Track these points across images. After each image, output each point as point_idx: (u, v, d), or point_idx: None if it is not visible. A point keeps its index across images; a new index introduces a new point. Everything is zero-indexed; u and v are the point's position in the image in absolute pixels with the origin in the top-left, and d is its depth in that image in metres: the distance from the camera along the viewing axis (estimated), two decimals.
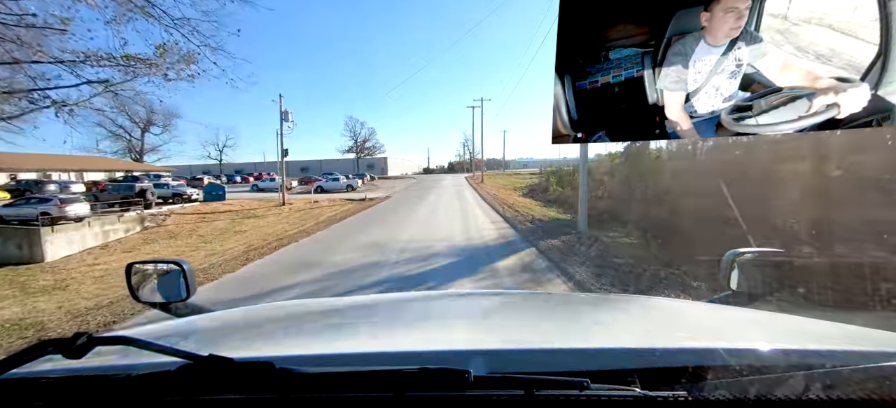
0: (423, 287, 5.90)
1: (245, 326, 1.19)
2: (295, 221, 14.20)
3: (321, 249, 9.00)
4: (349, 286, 6.01)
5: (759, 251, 1.37)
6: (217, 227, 14.43)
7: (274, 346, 0.98)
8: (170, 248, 12.03)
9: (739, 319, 1.12)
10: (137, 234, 14.74)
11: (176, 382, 0.61)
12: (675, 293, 5.10)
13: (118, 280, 7.24)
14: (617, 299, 1.83)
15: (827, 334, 0.90)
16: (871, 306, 2.29)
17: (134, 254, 11.68)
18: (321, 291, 5.85)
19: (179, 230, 14.55)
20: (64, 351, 0.56)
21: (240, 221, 15.18)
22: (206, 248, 10.75)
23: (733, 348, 0.69)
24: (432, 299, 1.72)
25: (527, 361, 0.72)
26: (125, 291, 1.51)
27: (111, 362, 0.71)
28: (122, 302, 5.41)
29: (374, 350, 0.82)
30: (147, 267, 1.48)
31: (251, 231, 12.72)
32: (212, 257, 8.89)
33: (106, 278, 8.28)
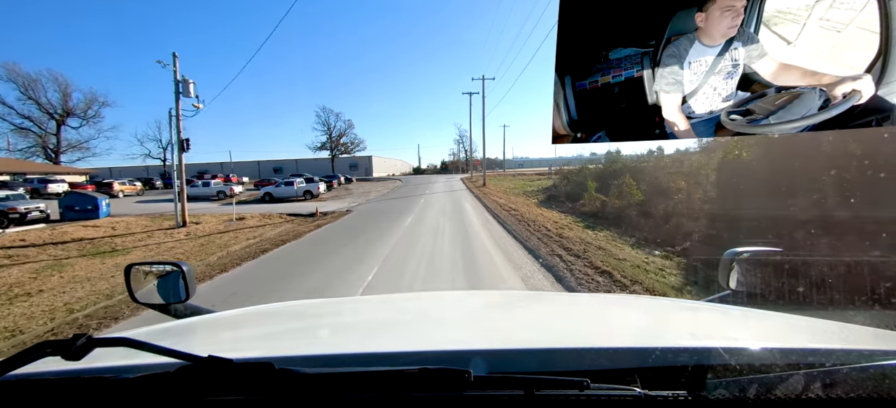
0: (423, 288, 5.86)
1: (245, 327, 1.19)
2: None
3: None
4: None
5: (758, 251, 1.37)
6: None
7: (273, 347, 0.98)
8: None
9: (739, 318, 1.13)
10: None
11: (175, 383, 0.60)
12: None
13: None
14: (617, 300, 1.84)
15: (826, 333, 0.90)
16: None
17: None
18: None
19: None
20: (63, 353, 0.56)
21: (44, 271, 8.22)
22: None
23: (733, 347, 0.69)
24: (432, 299, 1.72)
25: (527, 361, 0.72)
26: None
27: (111, 363, 0.71)
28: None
29: (374, 351, 0.82)
30: (146, 268, 1.48)
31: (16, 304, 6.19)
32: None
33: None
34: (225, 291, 6.18)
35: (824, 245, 6.16)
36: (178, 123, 13.98)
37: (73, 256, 9.95)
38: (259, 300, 2.46)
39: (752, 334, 0.98)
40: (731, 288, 1.32)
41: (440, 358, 0.72)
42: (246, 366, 0.60)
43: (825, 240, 6.32)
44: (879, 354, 0.68)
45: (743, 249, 1.34)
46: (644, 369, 0.65)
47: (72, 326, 5.50)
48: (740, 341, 0.80)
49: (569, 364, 0.69)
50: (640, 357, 0.69)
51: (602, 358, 0.69)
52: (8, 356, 0.56)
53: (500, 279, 6.24)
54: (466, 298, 1.79)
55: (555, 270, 6.64)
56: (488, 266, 6.99)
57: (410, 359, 0.72)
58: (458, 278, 6.32)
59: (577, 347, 0.77)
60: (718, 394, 0.58)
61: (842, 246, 5.83)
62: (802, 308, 1.42)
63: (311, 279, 6.49)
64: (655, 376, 0.63)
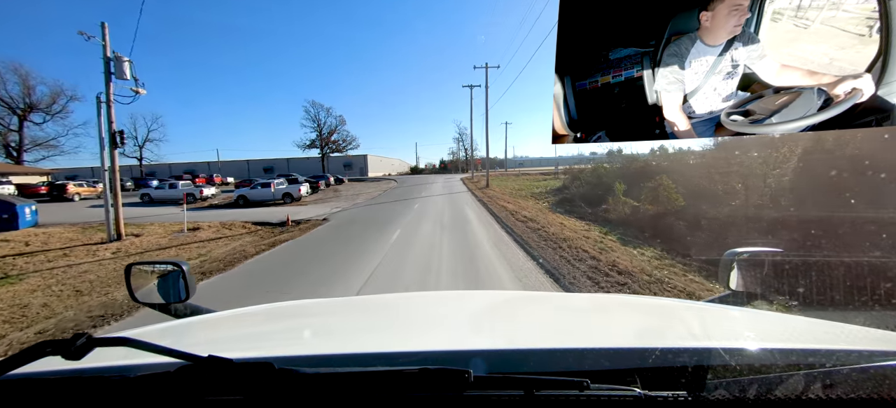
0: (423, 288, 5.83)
1: (245, 326, 1.19)
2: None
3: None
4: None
5: (758, 251, 1.37)
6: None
7: (274, 346, 0.98)
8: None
9: (739, 318, 1.12)
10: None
11: (175, 382, 0.60)
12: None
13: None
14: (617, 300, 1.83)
15: (826, 333, 0.90)
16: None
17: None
18: None
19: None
20: (63, 352, 0.56)
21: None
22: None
23: (733, 347, 0.69)
24: (432, 299, 1.72)
25: (527, 361, 0.72)
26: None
27: (111, 363, 0.71)
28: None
29: (374, 351, 0.82)
30: (146, 268, 1.48)
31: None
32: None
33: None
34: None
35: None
36: (110, 111, 10.67)
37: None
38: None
39: (752, 335, 0.98)
40: (732, 288, 1.32)
41: (440, 358, 0.72)
42: (246, 366, 0.60)
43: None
44: (879, 354, 0.68)
45: (743, 249, 1.34)
46: (644, 370, 0.65)
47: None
48: (740, 342, 0.80)
49: (569, 364, 0.69)
50: (640, 357, 0.69)
51: (602, 358, 0.69)
52: (8, 356, 0.56)
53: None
54: (466, 298, 1.79)
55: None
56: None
57: (410, 359, 0.72)
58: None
59: (577, 347, 0.77)
60: (718, 394, 0.58)
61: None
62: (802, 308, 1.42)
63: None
64: (655, 377, 0.63)
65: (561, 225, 10.94)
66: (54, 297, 6.42)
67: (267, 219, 14.68)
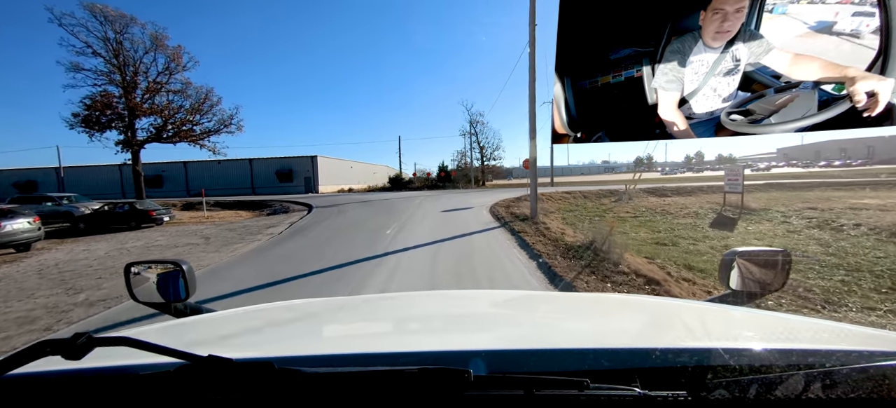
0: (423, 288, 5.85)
1: (245, 326, 1.19)
2: None
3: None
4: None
5: (758, 251, 1.37)
6: None
7: (274, 346, 0.98)
8: None
9: (739, 318, 1.12)
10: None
11: (175, 382, 0.60)
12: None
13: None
14: (617, 299, 1.84)
15: (826, 333, 0.90)
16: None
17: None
18: None
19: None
20: (63, 352, 0.56)
21: None
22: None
23: (733, 347, 0.69)
24: (433, 299, 1.72)
25: (527, 361, 0.72)
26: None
27: (111, 362, 0.71)
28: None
29: (374, 350, 0.82)
30: (146, 267, 1.48)
31: None
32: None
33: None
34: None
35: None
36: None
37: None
38: None
39: (752, 334, 0.98)
40: (732, 288, 1.32)
41: (440, 358, 0.71)
42: (246, 365, 0.60)
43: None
44: (879, 354, 0.68)
45: (743, 249, 1.34)
46: (644, 370, 0.65)
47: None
48: (740, 341, 0.80)
49: (569, 364, 0.69)
50: (640, 357, 0.69)
51: (602, 358, 0.69)
52: (8, 355, 0.56)
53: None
54: (467, 298, 1.79)
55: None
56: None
57: (410, 359, 0.72)
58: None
59: (577, 347, 0.76)
60: (718, 394, 0.58)
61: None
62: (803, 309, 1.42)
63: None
64: (655, 377, 0.63)
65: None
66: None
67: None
